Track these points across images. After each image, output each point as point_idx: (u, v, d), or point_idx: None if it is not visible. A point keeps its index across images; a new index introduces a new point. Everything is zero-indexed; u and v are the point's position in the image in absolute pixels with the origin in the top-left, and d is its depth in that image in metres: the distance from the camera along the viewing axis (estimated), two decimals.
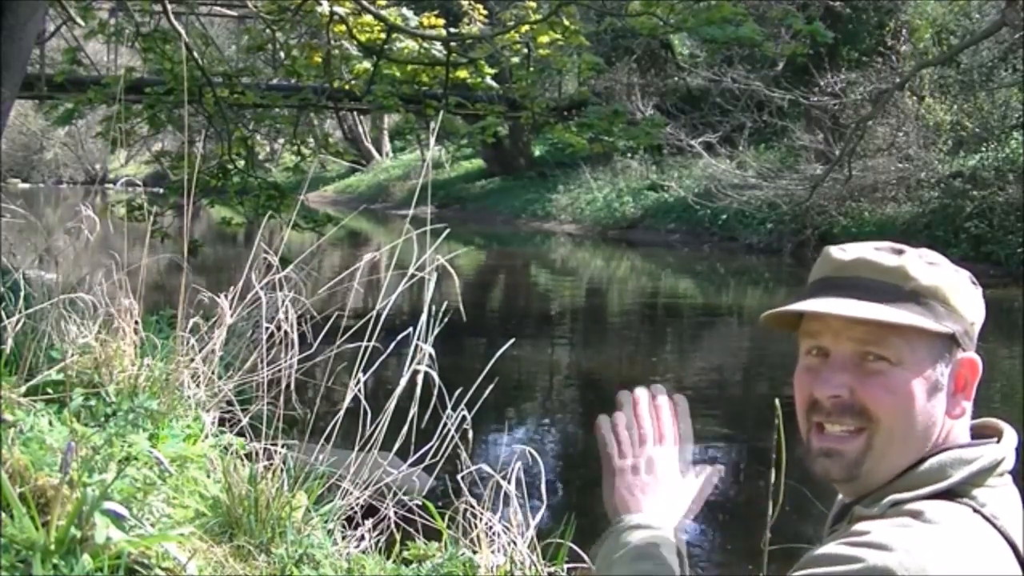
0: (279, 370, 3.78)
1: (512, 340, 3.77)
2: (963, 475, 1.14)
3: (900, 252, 1.20)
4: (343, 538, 3.39)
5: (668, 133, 19.77)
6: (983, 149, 18.88)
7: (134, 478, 3.12)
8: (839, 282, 1.19)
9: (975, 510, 1.11)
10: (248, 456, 3.58)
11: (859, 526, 1.10)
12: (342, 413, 3.43)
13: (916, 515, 1.10)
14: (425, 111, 10.55)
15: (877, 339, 1.15)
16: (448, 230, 3.73)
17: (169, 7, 8.91)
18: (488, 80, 9.84)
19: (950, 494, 1.13)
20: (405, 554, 3.53)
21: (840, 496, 1.25)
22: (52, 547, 2.55)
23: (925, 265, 1.18)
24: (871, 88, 18.74)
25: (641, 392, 1.30)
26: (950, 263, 1.21)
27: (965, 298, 1.19)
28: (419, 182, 3.89)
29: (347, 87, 10.42)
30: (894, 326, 1.14)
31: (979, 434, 1.22)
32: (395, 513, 3.50)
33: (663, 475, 1.27)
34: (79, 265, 5.30)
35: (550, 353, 11.38)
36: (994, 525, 1.11)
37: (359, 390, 3.41)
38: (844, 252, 1.22)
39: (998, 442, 1.19)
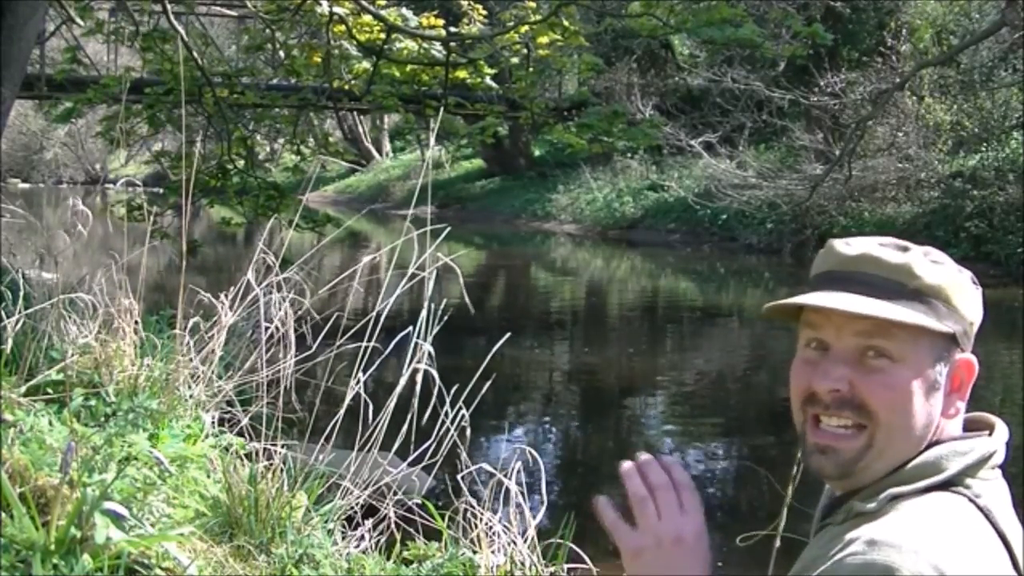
0: (279, 370, 3.78)
1: (507, 335, 3.76)
2: (959, 467, 1.14)
3: (905, 249, 1.20)
4: (343, 538, 3.39)
5: (668, 133, 19.76)
6: (983, 149, 18.88)
7: (134, 478, 3.12)
8: (843, 276, 1.19)
9: (970, 500, 1.12)
10: (248, 456, 3.58)
11: (860, 530, 1.10)
12: (342, 413, 3.43)
13: (918, 510, 1.10)
14: (425, 111, 10.54)
15: (880, 336, 1.15)
16: (448, 229, 3.72)
17: (169, 7, 8.91)
18: (488, 80, 9.84)
19: (946, 485, 1.13)
20: (405, 554, 3.53)
21: (827, 488, 1.25)
22: (52, 547, 2.55)
23: (930, 264, 1.18)
24: (871, 88, 18.72)
25: (646, 458, 1.21)
26: (953, 263, 1.21)
27: (967, 298, 1.19)
28: (419, 182, 3.89)
29: (347, 87, 10.41)
30: (897, 323, 1.14)
31: (971, 428, 1.22)
32: (395, 513, 3.50)
33: (697, 547, 1.18)
34: (79, 265, 5.30)
35: (550, 353, 11.38)
36: (988, 518, 1.11)
37: (359, 390, 3.41)
38: (849, 247, 1.23)
39: (990, 435, 1.19)
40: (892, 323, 1.14)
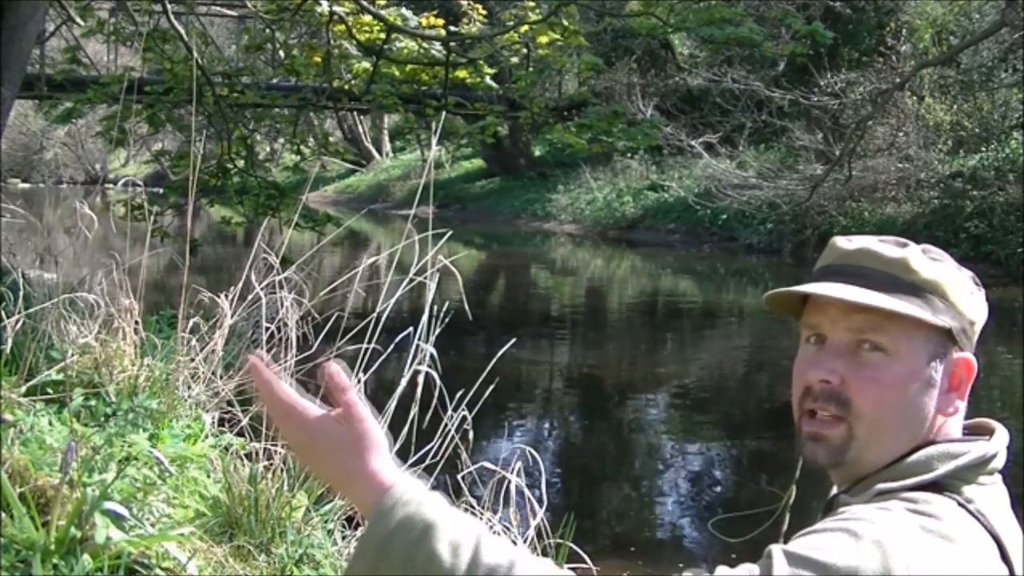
0: (279, 370, 3.78)
1: (513, 340, 3.77)
2: (949, 468, 1.13)
3: (904, 245, 1.22)
4: (343, 538, 3.39)
5: (668, 133, 19.77)
6: (983, 149, 18.88)
7: (134, 478, 3.12)
8: (841, 269, 1.21)
9: (960, 504, 1.11)
10: (248, 456, 3.58)
11: (843, 508, 1.11)
12: None
13: (906, 501, 1.10)
14: (425, 111, 10.55)
15: (873, 327, 1.16)
16: (450, 233, 3.72)
17: (169, 7, 8.91)
18: (487, 80, 9.84)
19: (936, 487, 1.13)
20: None
21: (833, 488, 1.26)
22: (52, 547, 2.55)
23: (928, 260, 1.19)
24: (871, 88, 18.73)
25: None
26: (954, 262, 1.22)
27: (966, 296, 1.20)
28: (420, 182, 3.89)
29: (347, 87, 10.41)
30: (890, 315, 1.15)
31: (973, 433, 1.22)
32: None
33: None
34: (79, 265, 5.30)
35: (550, 353, 11.38)
36: (980, 521, 1.10)
37: (359, 391, 3.40)
38: (849, 242, 1.25)
39: (988, 440, 1.18)
40: (885, 315, 1.15)
